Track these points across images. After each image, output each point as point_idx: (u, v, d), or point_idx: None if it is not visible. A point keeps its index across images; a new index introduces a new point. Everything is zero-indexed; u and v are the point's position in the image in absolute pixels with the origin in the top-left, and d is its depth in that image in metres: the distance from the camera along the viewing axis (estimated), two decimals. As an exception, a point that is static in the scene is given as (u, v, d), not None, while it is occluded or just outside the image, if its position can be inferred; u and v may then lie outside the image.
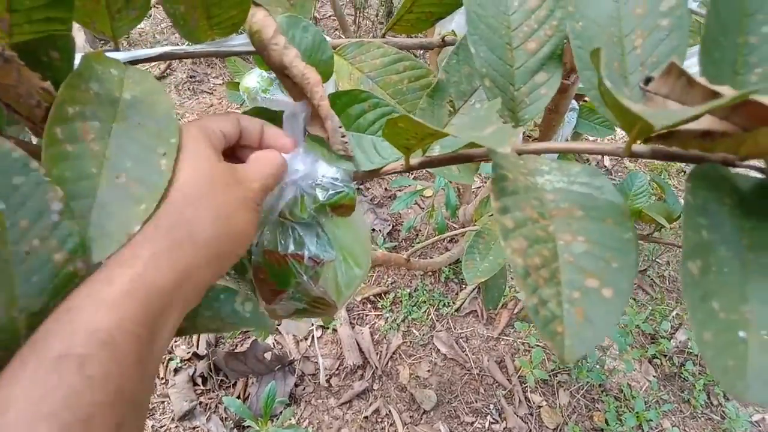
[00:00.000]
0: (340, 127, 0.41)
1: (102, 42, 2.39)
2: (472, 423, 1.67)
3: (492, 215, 1.07)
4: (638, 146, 0.34)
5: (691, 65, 0.32)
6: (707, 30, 0.32)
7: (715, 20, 0.32)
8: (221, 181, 0.34)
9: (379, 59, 0.50)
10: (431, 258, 1.89)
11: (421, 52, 2.39)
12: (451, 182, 1.68)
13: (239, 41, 0.47)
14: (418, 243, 2.06)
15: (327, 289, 0.46)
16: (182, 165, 0.33)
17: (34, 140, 0.53)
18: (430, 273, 2.02)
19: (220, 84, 2.55)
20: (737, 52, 0.33)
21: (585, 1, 0.35)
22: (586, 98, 1.25)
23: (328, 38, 0.48)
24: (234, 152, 0.42)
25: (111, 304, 0.26)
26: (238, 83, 1.55)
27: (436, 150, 0.43)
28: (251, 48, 0.46)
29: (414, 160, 0.42)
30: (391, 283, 1.99)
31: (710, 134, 0.30)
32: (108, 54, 0.43)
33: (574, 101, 1.25)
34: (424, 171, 2.22)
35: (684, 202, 0.28)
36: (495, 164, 0.30)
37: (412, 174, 2.28)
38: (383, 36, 0.57)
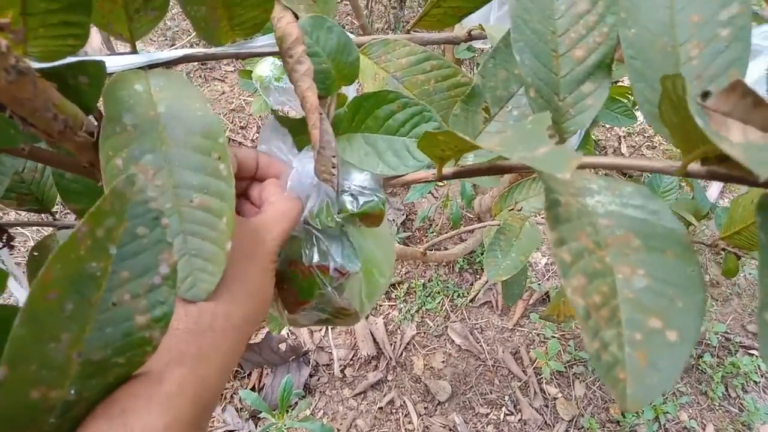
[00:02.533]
0: (334, 157, 0.39)
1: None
2: (487, 414, 1.66)
3: (512, 209, 1.04)
4: (694, 166, 0.31)
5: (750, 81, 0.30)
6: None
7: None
8: (248, 254, 0.34)
9: (405, 58, 0.48)
10: (446, 249, 1.88)
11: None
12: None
13: (261, 42, 0.45)
14: (432, 233, 2.04)
15: (351, 299, 0.45)
16: (261, 287, 0.34)
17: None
18: (445, 263, 2.00)
19: (231, 71, 2.52)
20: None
21: (637, 7, 0.33)
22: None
23: (351, 35, 0.46)
24: None
25: (164, 404, 0.26)
26: (251, 71, 1.53)
27: (469, 159, 0.41)
28: (275, 48, 0.43)
29: (446, 169, 0.40)
30: (405, 274, 1.98)
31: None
32: (126, 60, 0.42)
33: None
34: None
35: (759, 241, 0.26)
36: (547, 188, 0.27)
37: (408, 185, 2.25)
38: (408, 32, 0.55)
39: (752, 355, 1.84)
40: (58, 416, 0.24)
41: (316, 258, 0.42)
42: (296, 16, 0.43)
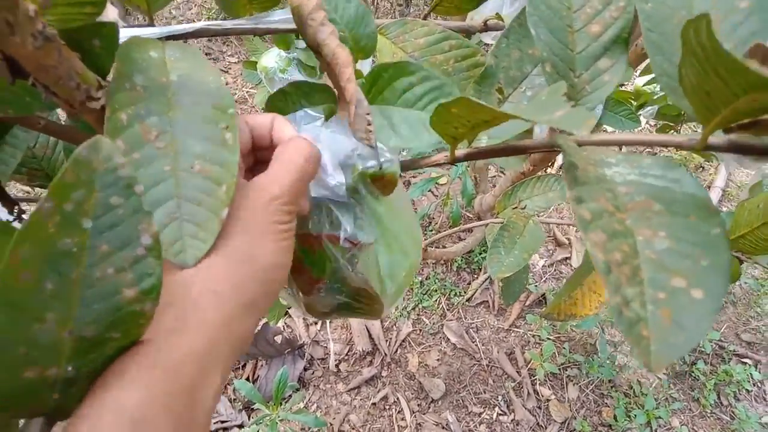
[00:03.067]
0: (368, 114, 0.38)
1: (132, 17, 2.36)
2: (480, 414, 1.66)
3: (516, 207, 1.04)
4: (715, 138, 0.31)
5: None
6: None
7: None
8: (242, 218, 0.31)
9: (423, 38, 0.47)
10: (444, 247, 1.88)
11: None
12: (468, 169, 1.66)
13: (278, 17, 0.45)
14: (432, 231, 2.04)
15: (367, 277, 0.42)
16: (269, 247, 0.31)
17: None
18: (443, 262, 2.00)
19: (235, 62, 2.52)
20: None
21: (654, -20, 0.33)
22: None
23: (369, 17, 0.46)
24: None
25: (136, 378, 0.24)
26: (255, 62, 1.53)
27: (483, 141, 0.41)
28: (291, 25, 0.43)
29: (459, 151, 0.40)
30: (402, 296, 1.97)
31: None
32: (142, 32, 0.41)
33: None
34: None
35: None
36: (564, 153, 0.27)
37: (421, 168, 2.25)
38: (425, 18, 0.55)
39: (745, 363, 1.84)
40: (61, 392, 0.24)
41: (326, 227, 0.40)
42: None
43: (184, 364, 0.25)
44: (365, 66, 0.48)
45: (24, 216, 0.54)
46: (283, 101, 0.42)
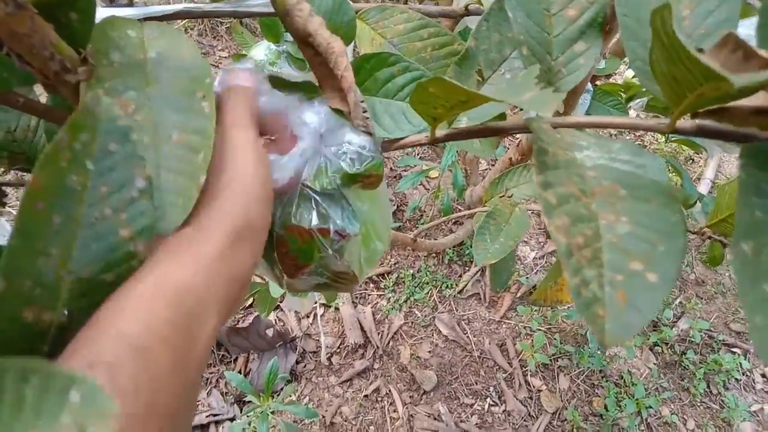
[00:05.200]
0: (362, 101, 0.39)
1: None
2: (472, 405, 1.67)
3: (503, 196, 1.05)
4: (683, 122, 0.32)
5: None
6: (766, 2, 0.30)
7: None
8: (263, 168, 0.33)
9: (402, 25, 0.48)
10: (435, 239, 1.88)
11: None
12: (459, 162, 1.66)
13: (258, 1, 0.45)
14: (423, 224, 2.05)
15: (351, 263, 0.44)
16: (242, 160, 0.32)
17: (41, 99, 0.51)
18: (434, 254, 2.01)
19: (225, 57, 2.51)
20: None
21: (628, -34, 0.33)
22: (597, 82, 1.22)
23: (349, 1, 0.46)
24: None
25: (137, 308, 0.24)
26: (245, 55, 1.52)
27: (463, 122, 0.41)
28: (270, 9, 0.43)
29: (439, 132, 0.40)
30: (394, 264, 1.98)
31: (764, 111, 0.28)
32: (121, 12, 0.41)
33: (589, 83, 1.23)
34: (430, 152, 2.20)
35: (738, 180, 0.26)
36: (535, 136, 0.28)
37: (417, 154, 2.26)
38: (405, 2, 0.55)
39: (734, 353, 1.86)
40: (52, 344, 0.24)
41: (315, 221, 0.41)
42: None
43: (183, 296, 0.26)
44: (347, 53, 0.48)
45: (4, 200, 0.54)
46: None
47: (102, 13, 0.37)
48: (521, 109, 1.02)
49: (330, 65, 0.37)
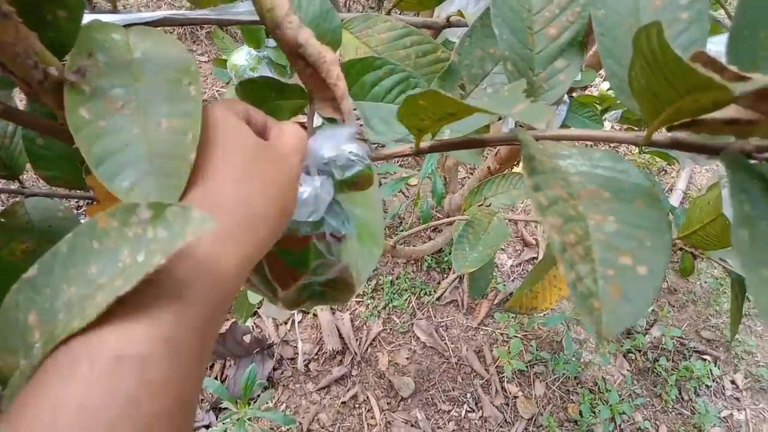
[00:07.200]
0: (354, 109, 0.40)
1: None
2: (449, 411, 1.68)
3: (481, 205, 1.06)
4: (658, 135, 0.33)
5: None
6: (735, 22, 0.31)
7: (742, 14, 0.31)
8: (266, 157, 0.32)
9: (386, 33, 0.48)
10: (414, 246, 1.89)
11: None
12: (438, 170, 1.67)
13: (243, 8, 0.45)
14: (402, 231, 2.05)
15: (348, 265, 0.44)
16: (223, 139, 0.31)
17: (20, 105, 0.50)
18: (413, 261, 2.02)
19: (205, 61, 2.50)
20: (759, 46, 0.32)
21: (604, -10, 0.35)
22: (573, 93, 1.25)
23: (333, 12, 0.46)
24: None
25: (172, 292, 0.24)
26: (226, 60, 1.52)
27: (446, 134, 0.42)
28: (255, 17, 0.44)
29: (424, 143, 0.41)
30: (373, 270, 1.98)
31: (736, 122, 0.29)
32: (105, 17, 0.41)
33: (565, 95, 1.25)
34: (409, 159, 2.21)
35: (727, 176, 0.28)
36: (523, 145, 0.29)
37: (397, 161, 2.27)
38: (388, 13, 0.56)
39: (705, 360, 1.91)
40: None
41: (307, 229, 0.41)
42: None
43: (221, 283, 0.26)
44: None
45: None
46: (254, 91, 0.42)
47: (86, 18, 0.37)
48: (500, 118, 1.04)
49: (322, 75, 0.37)
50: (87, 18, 0.39)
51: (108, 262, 0.24)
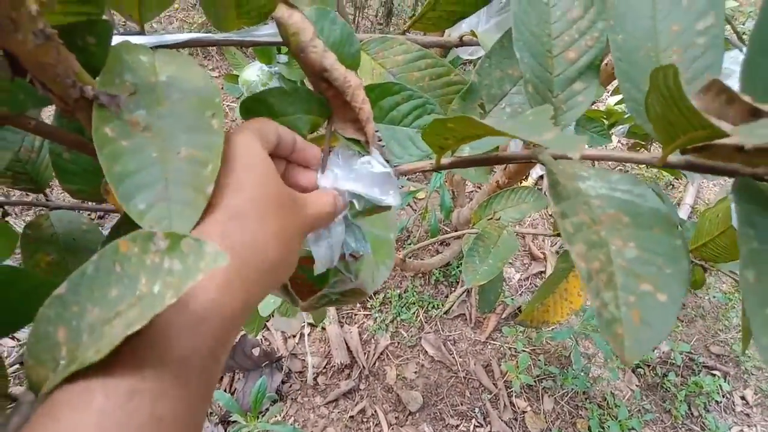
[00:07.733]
0: (377, 131, 0.41)
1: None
2: (457, 426, 1.67)
3: (491, 218, 1.07)
4: (673, 157, 0.34)
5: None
6: (750, 50, 0.32)
7: (758, 42, 0.32)
8: (285, 203, 0.33)
9: (401, 56, 0.50)
10: (422, 260, 1.90)
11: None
12: (446, 184, 1.68)
13: (266, 31, 0.46)
14: (410, 244, 2.06)
15: (363, 280, 0.47)
16: (246, 176, 0.32)
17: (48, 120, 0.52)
18: (421, 275, 2.02)
19: (216, 77, 2.53)
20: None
21: (623, 16, 0.36)
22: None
23: (350, 34, 0.48)
24: None
25: (184, 331, 0.25)
26: (237, 76, 1.54)
27: (466, 151, 0.43)
28: (278, 39, 0.45)
29: (444, 160, 0.42)
30: (382, 284, 1.99)
31: (743, 148, 0.30)
32: (133, 40, 0.43)
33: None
34: (418, 173, 2.22)
35: (736, 214, 0.28)
36: (547, 169, 0.30)
37: (406, 175, 2.28)
38: (403, 33, 0.57)
39: (714, 375, 1.89)
40: None
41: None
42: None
43: (229, 322, 0.27)
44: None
45: (7, 218, 0.54)
46: (263, 106, 0.44)
47: (115, 39, 0.39)
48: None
49: (347, 98, 0.38)
50: (116, 39, 0.40)
51: (128, 288, 0.25)
